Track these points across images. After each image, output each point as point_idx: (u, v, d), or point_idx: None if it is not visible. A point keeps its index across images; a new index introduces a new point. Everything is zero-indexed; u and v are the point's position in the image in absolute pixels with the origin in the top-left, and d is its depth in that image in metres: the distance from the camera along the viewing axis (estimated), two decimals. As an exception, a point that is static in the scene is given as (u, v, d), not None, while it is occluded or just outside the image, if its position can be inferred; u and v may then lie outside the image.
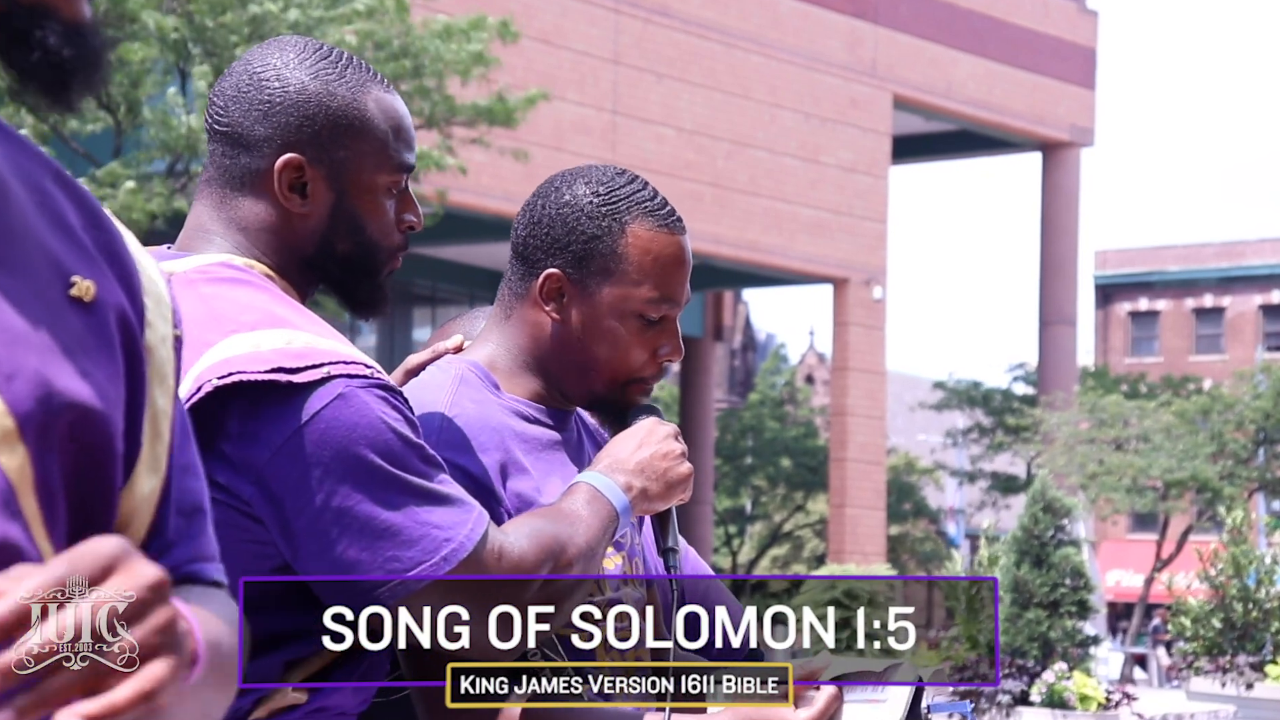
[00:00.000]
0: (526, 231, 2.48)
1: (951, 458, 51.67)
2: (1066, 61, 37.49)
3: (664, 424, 2.44)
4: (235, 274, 2.22)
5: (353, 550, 2.10)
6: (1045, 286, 37.89)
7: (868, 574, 24.31)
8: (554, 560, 2.19)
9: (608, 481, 2.32)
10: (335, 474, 2.09)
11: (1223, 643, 14.29)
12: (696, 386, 38.33)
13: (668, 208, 2.49)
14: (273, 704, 2.12)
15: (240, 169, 2.27)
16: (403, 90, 19.12)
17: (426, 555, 2.11)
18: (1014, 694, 14.13)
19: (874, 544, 33.98)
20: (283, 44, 2.31)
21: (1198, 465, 33.76)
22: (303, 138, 2.25)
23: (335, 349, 2.14)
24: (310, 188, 2.26)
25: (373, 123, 2.28)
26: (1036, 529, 15.01)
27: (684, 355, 2.59)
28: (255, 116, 2.26)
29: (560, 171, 2.54)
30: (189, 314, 2.14)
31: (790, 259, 32.68)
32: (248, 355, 2.10)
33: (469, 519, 2.14)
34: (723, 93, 31.68)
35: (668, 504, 2.40)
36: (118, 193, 17.41)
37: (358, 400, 2.11)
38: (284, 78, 2.27)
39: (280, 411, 2.10)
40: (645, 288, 2.44)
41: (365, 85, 2.29)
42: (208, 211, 2.29)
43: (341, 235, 2.28)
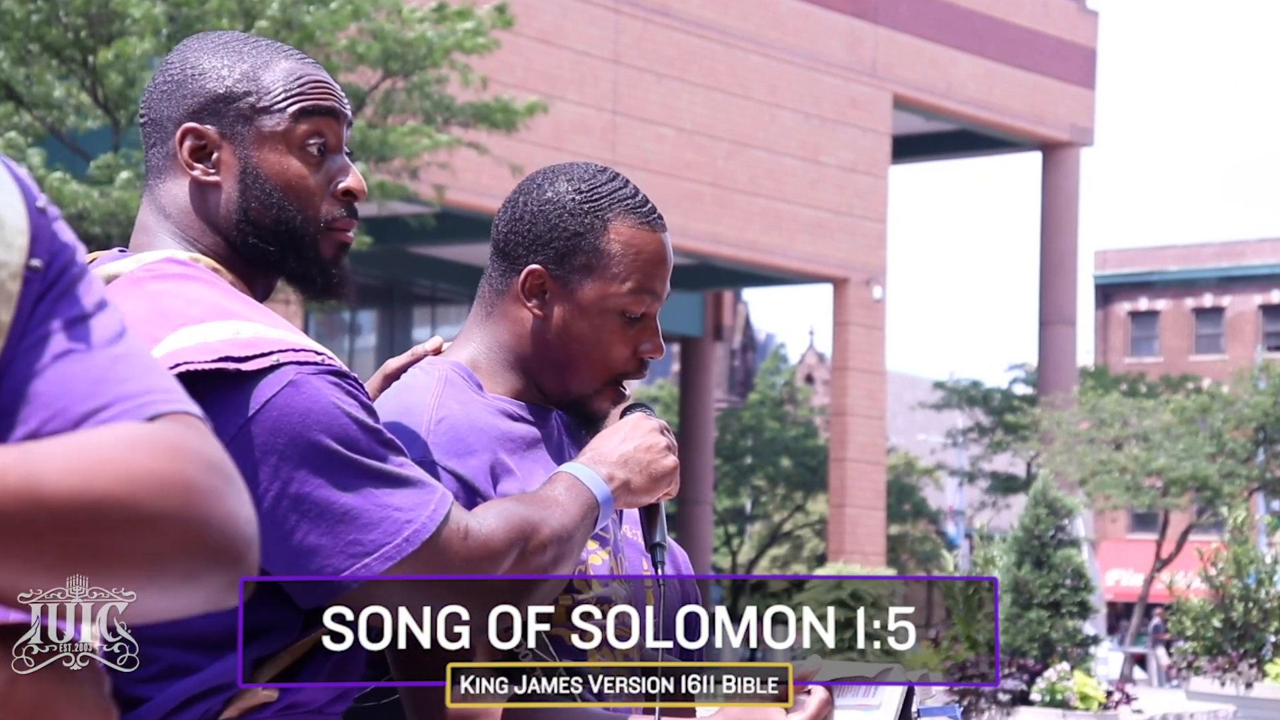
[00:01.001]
0: (508, 228, 2.48)
1: (951, 458, 51.64)
2: (1066, 61, 37.47)
3: (650, 418, 2.44)
4: (181, 269, 2.21)
5: (312, 536, 2.08)
6: (1045, 286, 37.87)
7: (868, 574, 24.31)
8: (525, 541, 2.17)
9: (588, 471, 2.31)
10: (290, 461, 2.08)
11: (1223, 643, 14.29)
12: (696, 386, 38.31)
13: (649, 205, 2.50)
14: (244, 703, 2.10)
15: (158, 154, 2.29)
16: (402, 90, 19.11)
17: (388, 537, 2.09)
18: (1014, 694, 14.13)
19: (874, 544, 33.96)
20: (198, 36, 2.34)
21: (1197, 465, 33.76)
22: (199, 108, 2.26)
23: (284, 337, 2.12)
24: (215, 155, 2.25)
25: (267, 83, 2.26)
26: (1037, 529, 15.01)
27: (684, 355, 2.59)
28: (160, 98, 2.28)
29: (541, 169, 2.54)
30: (135, 312, 2.11)
31: (790, 259, 32.67)
32: (195, 346, 2.08)
33: (431, 500, 2.12)
34: (723, 93, 31.67)
35: (652, 497, 2.39)
36: (113, 187, 17.40)
37: (309, 386, 2.10)
38: (185, 59, 2.29)
39: (231, 401, 2.08)
40: (627, 284, 2.45)
41: (267, 57, 2.28)
42: (145, 208, 2.31)
43: (254, 200, 2.25)
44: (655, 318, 2.50)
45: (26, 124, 18.23)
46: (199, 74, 2.27)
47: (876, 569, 30.40)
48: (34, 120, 18.22)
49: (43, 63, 18.08)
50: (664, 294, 2.50)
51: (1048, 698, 14.08)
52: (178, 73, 2.28)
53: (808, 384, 61.41)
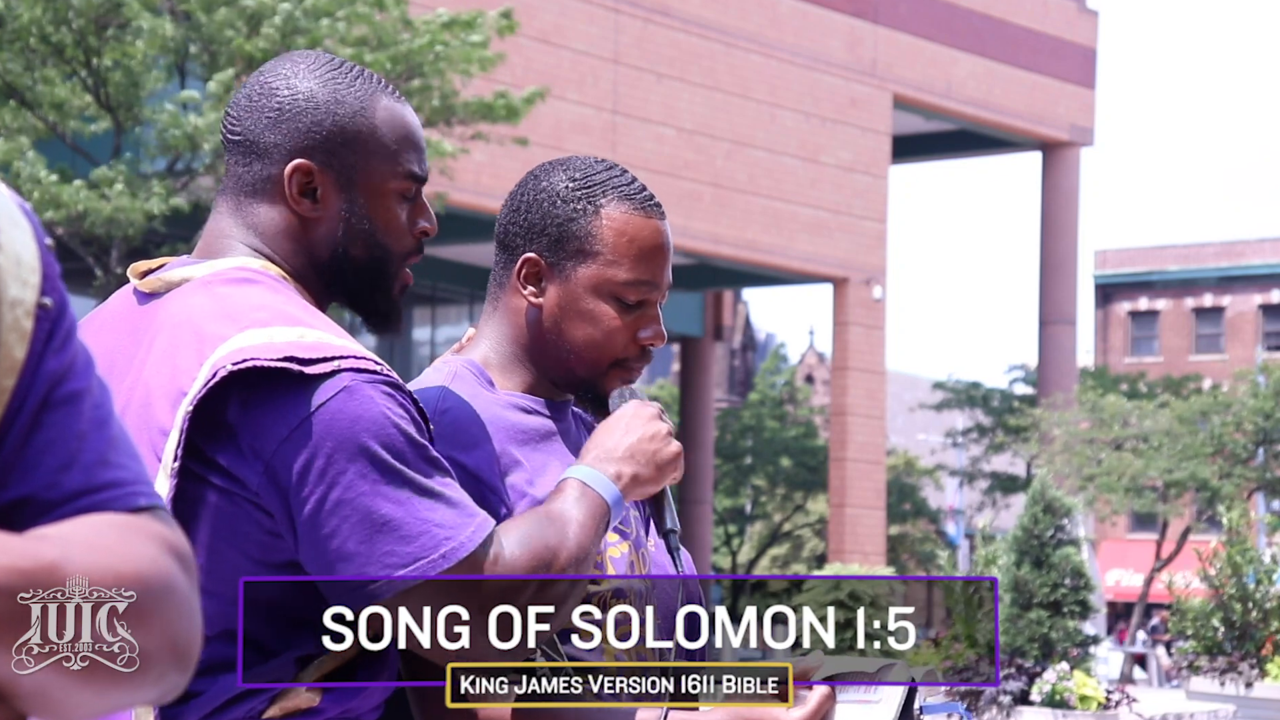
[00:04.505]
0: (507, 219, 2.51)
1: (951, 458, 51.65)
2: (1066, 61, 37.47)
3: (647, 405, 2.44)
4: (250, 275, 2.25)
5: (350, 542, 2.10)
6: (1045, 286, 37.87)
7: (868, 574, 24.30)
8: (546, 568, 2.19)
9: (596, 474, 2.32)
10: (337, 465, 2.10)
11: (1223, 642, 14.28)
12: (696, 386, 38.30)
13: (645, 192, 2.50)
14: (286, 703, 2.12)
15: (253, 176, 2.31)
16: (402, 88, 19.13)
17: (425, 552, 2.11)
18: (1014, 694, 14.13)
19: (874, 544, 33.97)
20: (294, 56, 2.36)
21: (1197, 465, 33.76)
22: (311, 143, 2.29)
23: (347, 346, 2.16)
24: (320, 192, 2.29)
25: (380, 130, 2.31)
26: (1036, 529, 15.01)
27: (684, 355, 2.59)
28: (265, 124, 2.30)
29: (544, 162, 2.55)
30: (203, 310, 2.17)
31: (790, 258, 32.67)
32: (262, 345, 2.12)
33: (472, 523, 2.14)
34: (723, 93, 31.67)
35: (660, 486, 2.40)
36: (112, 193, 17.41)
37: (363, 394, 2.12)
38: (293, 86, 2.30)
39: (289, 401, 2.11)
40: (621, 269, 2.45)
41: (374, 94, 2.32)
42: (226, 218, 2.32)
43: (354, 240, 2.31)
44: (655, 305, 2.50)
45: (29, 125, 18.23)
46: (311, 107, 2.29)
47: (876, 569, 30.39)
48: (37, 121, 18.22)
49: (47, 64, 18.09)
50: (662, 282, 2.49)
51: (1048, 698, 14.08)
52: (286, 101, 2.30)
53: (808, 384, 61.41)
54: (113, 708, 1.28)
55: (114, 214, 17.22)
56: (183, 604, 1.30)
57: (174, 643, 1.29)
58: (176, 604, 1.29)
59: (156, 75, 18.25)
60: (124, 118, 18.35)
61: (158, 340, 2.19)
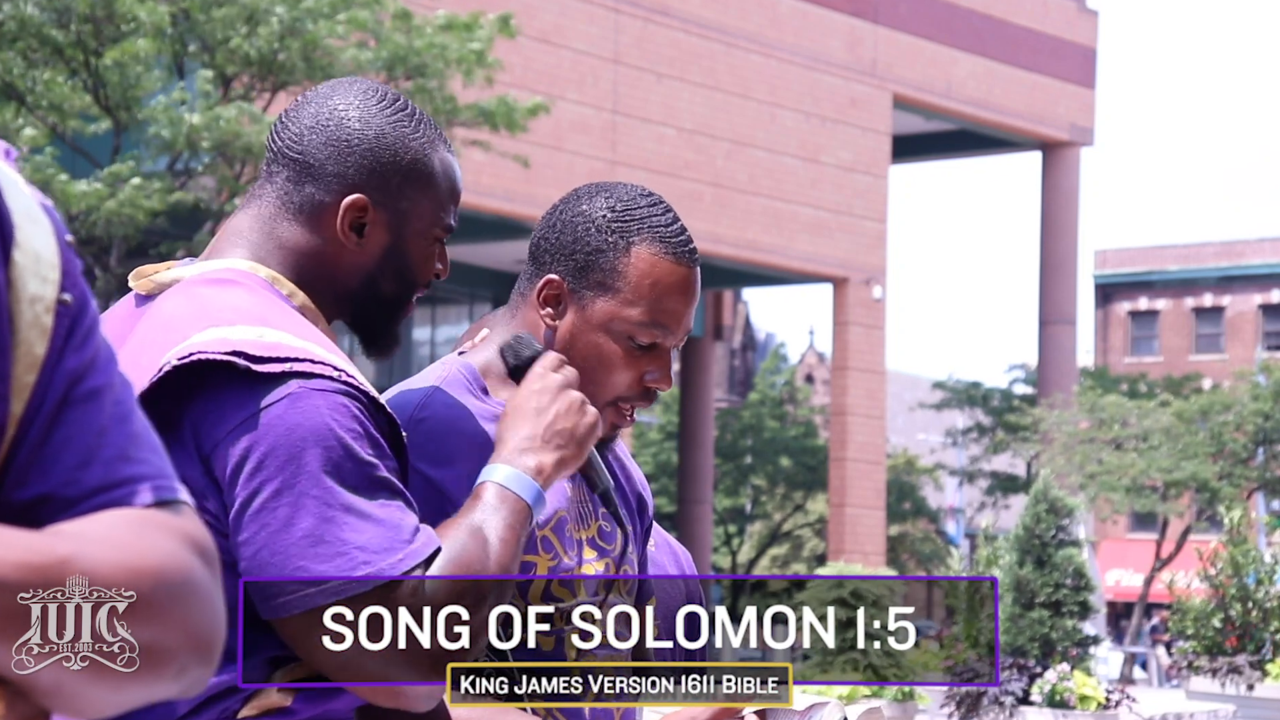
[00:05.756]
0: (541, 234, 2.49)
1: (951, 457, 51.66)
2: (1066, 61, 37.48)
3: (551, 371, 2.35)
4: (233, 276, 2.24)
5: (264, 552, 2.05)
6: (1045, 286, 37.88)
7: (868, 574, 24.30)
8: (467, 598, 2.10)
9: (514, 473, 2.24)
10: (266, 470, 2.05)
11: (1223, 642, 14.28)
12: (696, 386, 38.31)
13: (682, 237, 2.48)
14: (260, 703, 2.11)
15: (303, 197, 2.30)
16: (402, 89, 19.14)
17: (338, 573, 2.04)
18: (1015, 694, 14.13)
19: (874, 544, 33.97)
20: (364, 88, 2.35)
21: (1197, 465, 33.76)
22: (372, 181, 2.29)
23: (308, 348, 2.12)
24: (369, 229, 2.29)
25: (437, 179, 2.32)
26: (1038, 529, 15.01)
27: (684, 355, 2.58)
28: (330, 152, 2.29)
29: (593, 183, 2.54)
30: (176, 311, 2.16)
31: (790, 258, 32.68)
32: (214, 340, 2.09)
33: (399, 549, 2.06)
34: (723, 93, 31.67)
35: (584, 459, 2.32)
36: (123, 188, 17.42)
37: (308, 402, 2.07)
38: (365, 120, 2.30)
39: (234, 399, 2.08)
40: (639, 310, 2.43)
41: (434, 142, 2.33)
42: (250, 222, 2.31)
43: (388, 277, 2.31)
44: (668, 350, 2.47)
45: (30, 125, 18.24)
46: (380, 146, 2.29)
47: (876, 569, 30.41)
48: (37, 121, 18.23)
49: (46, 64, 18.10)
50: (679, 328, 2.46)
51: (1048, 698, 14.08)
52: (355, 134, 2.29)
53: (808, 384, 61.42)
54: (133, 702, 1.28)
55: (118, 210, 17.22)
56: (203, 598, 1.30)
57: (195, 637, 1.29)
58: (196, 598, 1.29)
59: (157, 75, 18.27)
60: (123, 118, 18.35)
61: (130, 342, 2.18)
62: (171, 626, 1.27)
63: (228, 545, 2.10)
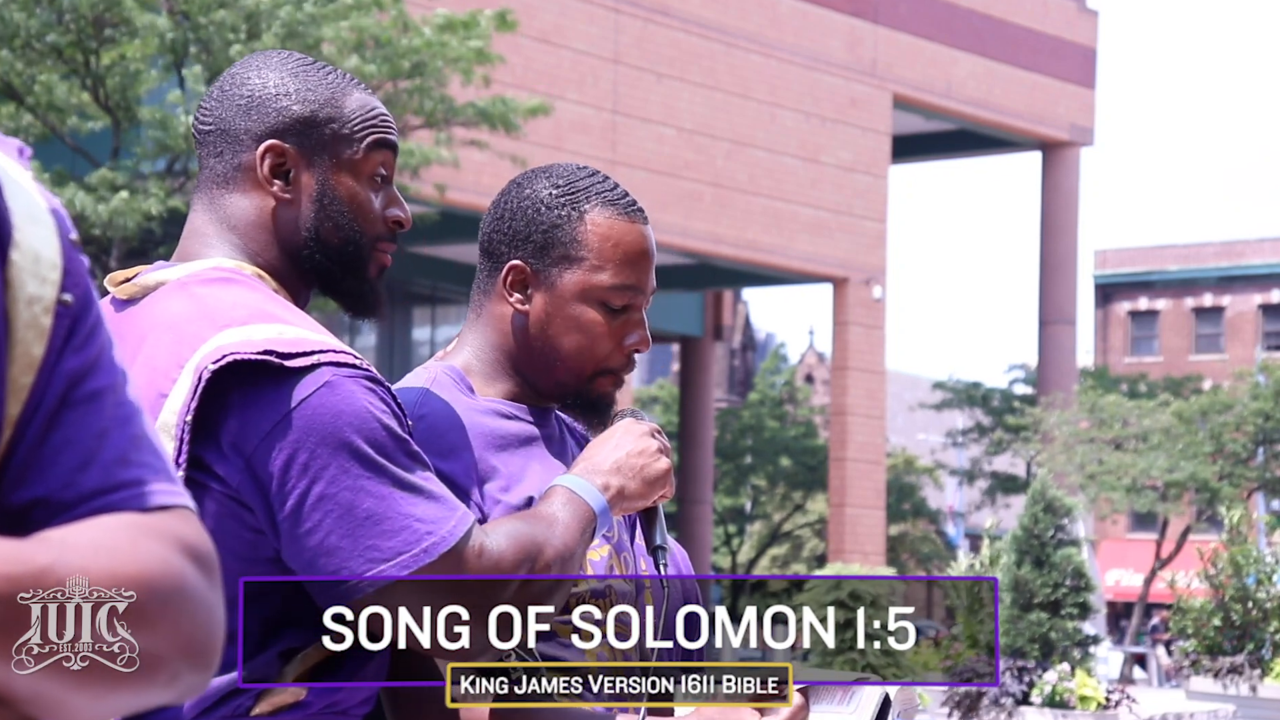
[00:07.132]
0: (491, 227, 2.52)
1: (951, 458, 51.65)
2: (1066, 61, 37.47)
3: (640, 422, 2.46)
4: (227, 274, 2.27)
5: (333, 537, 2.11)
6: (1045, 286, 37.88)
7: (868, 574, 24.30)
8: (531, 562, 2.20)
9: (583, 483, 2.33)
10: (319, 459, 2.11)
11: (1223, 642, 14.27)
12: (696, 386, 38.31)
13: (628, 198, 2.52)
14: (274, 699, 2.12)
15: (225, 165, 2.34)
16: (403, 90, 19.13)
17: (407, 546, 2.11)
18: (1015, 695, 14.12)
19: (874, 544, 33.97)
20: (266, 53, 2.41)
21: (1197, 465, 33.76)
22: (283, 126, 2.32)
23: (326, 341, 2.17)
24: (293, 174, 2.32)
25: (352, 113, 2.35)
26: (1037, 529, 15.00)
27: (684, 355, 2.60)
28: (236, 111, 2.33)
29: (528, 170, 2.58)
30: (180, 312, 2.17)
31: (790, 258, 32.67)
32: (240, 341, 2.14)
33: (453, 516, 2.15)
34: (723, 93, 31.67)
35: (648, 501, 2.41)
36: (110, 196, 17.42)
37: (344, 388, 2.14)
38: (265, 76, 2.35)
39: (270, 397, 2.12)
40: (606, 274, 2.46)
41: (345, 87, 2.36)
42: (202, 215, 2.35)
43: (326, 221, 2.33)
44: (641, 310, 2.51)
45: (28, 124, 18.24)
46: (283, 94, 2.33)
47: (876, 569, 30.39)
48: (35, 120, 18.23)
49: (45, 64, 18.10)
50: (648, 287, 2.50)
51: (1048, 698, 14.08)
52: (257, 89, 2.33)
53: (808, 384, 61.41)
54: (121, 710, 1.27)
55: (112, 215, 17.23)
56: (196, 604, 1.28)
57: (186, 644, 1.27)
58: (189, 605, 1.27)
59: (155, 75, 18.27)
60: (122, 118, 18.35)
61: (142, 346, 2.20)
62: (162, 633, 1.26)
63: (265, 542, 2.14)
